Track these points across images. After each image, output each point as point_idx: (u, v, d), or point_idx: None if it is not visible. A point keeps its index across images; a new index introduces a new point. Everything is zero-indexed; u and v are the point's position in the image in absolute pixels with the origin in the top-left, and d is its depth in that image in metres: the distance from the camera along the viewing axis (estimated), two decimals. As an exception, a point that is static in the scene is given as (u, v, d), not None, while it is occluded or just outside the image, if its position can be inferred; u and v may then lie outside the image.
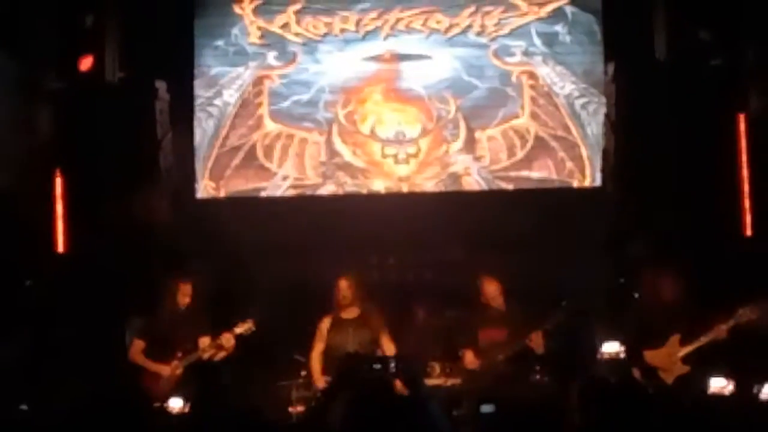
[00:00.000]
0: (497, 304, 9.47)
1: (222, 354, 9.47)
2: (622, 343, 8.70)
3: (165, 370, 9.37)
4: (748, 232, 9.11)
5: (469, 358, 9.37)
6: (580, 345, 9.45)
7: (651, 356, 8.88)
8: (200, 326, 9.52)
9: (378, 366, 5.25)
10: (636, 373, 8.85)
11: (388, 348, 9.29)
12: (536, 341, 9.17)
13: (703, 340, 8.69)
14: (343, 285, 9.63)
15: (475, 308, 9.61)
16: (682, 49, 8.56)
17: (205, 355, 9.44)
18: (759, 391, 7.79)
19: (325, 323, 9.55)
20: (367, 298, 9.65)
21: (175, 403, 6.40)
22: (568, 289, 9.87)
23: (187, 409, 6.43)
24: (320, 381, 9.22)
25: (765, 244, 9.24)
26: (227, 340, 9.42)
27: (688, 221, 9.70)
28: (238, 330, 9.49)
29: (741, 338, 8.76)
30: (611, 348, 8.80)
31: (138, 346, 9.50)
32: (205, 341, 9.43)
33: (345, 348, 9.30)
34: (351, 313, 9.53)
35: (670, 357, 8.78)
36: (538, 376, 9.78)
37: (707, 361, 8.70)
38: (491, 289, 9.48)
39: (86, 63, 8.73)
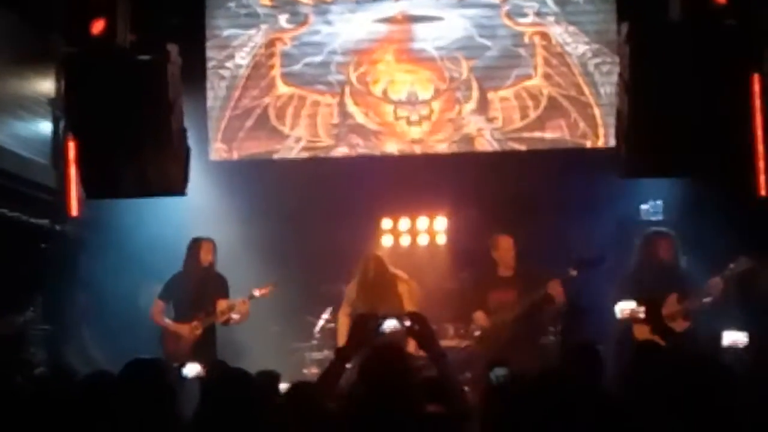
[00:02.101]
0: (508, 261, 9.42)
1: (236, 318, 9.50)
2: (640, 302, 8.72)
3: (184, 329, 9.42)
4: (763, 193, 9.08)
5: (480, 317, 9.36)
6: (598, 306, 9.44)
7: None
8: (220, 287, 9.55)
9: (391, 324, 5.23)
10: (645, 331, 8.86)
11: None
12: (555, 289, 9.08)
13: (702, 295, 8.75)
14: (369, 255, 9.60)
15: (484, 270, 9.60)
16: (697, 9, 8.48)
17: (221, 319, 9.47)
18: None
19: (352, 288, 9.51)
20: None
21: (192, 369, 6.43)
22: (580, 250, 9.85)
23: (204, 374, 6.46)
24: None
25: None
26: (242, 305, 9.46)
27: (701, 182, 9.68)
28: (258, 293, 9.53)
29: (738, 290, 8.83)
30: (627, 306, 8.81)
31: (159, 306, 9.56)
32: (222, 304, 9.47)
33: None
34: (377, 279, 9.46)
35: (672, 315, 8.82)
36: (552, 338, 9.79)
37: (706, 314, 8.77)
38: (505, 244, 9.43)
39: (97, 26, 8.66)
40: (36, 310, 9.89)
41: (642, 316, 8.73)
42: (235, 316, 9.49)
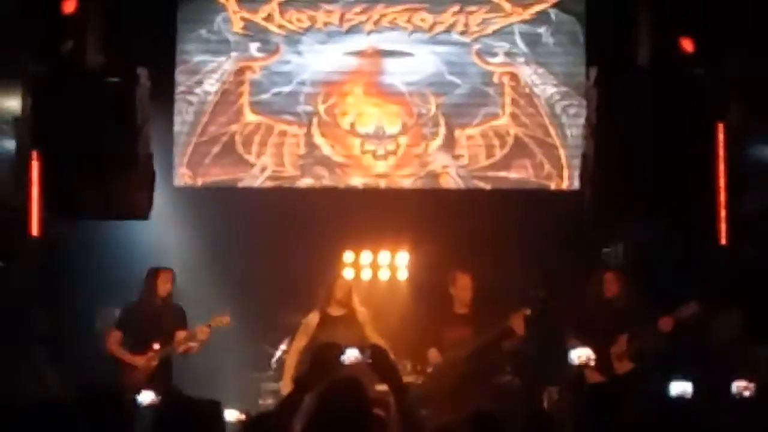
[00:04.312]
0: (465, 299, 9.41)
1: (196, 347, 9.41)
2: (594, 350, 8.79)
3: (140, 361, 9.30)
4: (723, 242, 9.14)
5: (433, 355, 9.34)
6: (555, 345, 9.46)
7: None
8: (178, 318, 9.46)
9: (352, 355, 5.16)
10: (596, 376, 8.89)
11: None
12: (517, 323, 9.04)
13: (645, 337, 8.80)
14: (343, 283, 9.57)
15: (440, 307, 9.58)
16: (665, 56, 8.58)
17: (180, 349, 9.37)
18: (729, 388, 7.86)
19: (313, 319, 9.43)
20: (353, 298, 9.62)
21: (146, 397, 6.36)
22: (534, 288, 9.88)
23: (157, 402, 6.39)
24: (288, 381, 9.10)
25: (739, 255, 9.30)
26: (202, 332, 9.36)
27: (664, 228, 9.74)
28: (214, 323, 9.44)
29: (684, 335, 8.90)
30: (582, 353, 8.85)
31: (115, 336, 9.40)
32: (181, 334, 9.37)
33: None
34: (339, 310, 9.43)
35: (619, 355, 8.87)
36: (508, 377, 9.78)
37: (650, 357, 8.81)
38: (463, 282, 9.43)
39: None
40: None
41: (593, 363, 8.83)
42: (194, 345, 9.40)
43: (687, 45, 8.77)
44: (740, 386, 7.84)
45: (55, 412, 4.68)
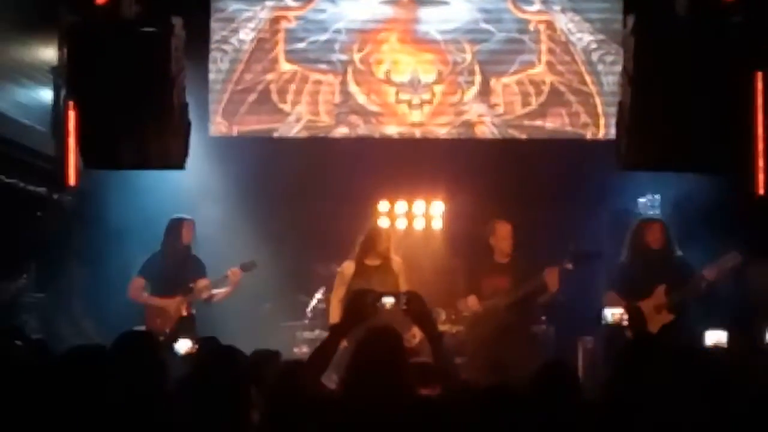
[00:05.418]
0: (505, 248, 9.34)
1: (226, 291, 9.41)
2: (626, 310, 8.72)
3: (171, 304, 9.33)
4: (761, 191, 9.05)
5: (472, 302, 9.28)
6: (589, 297, 9.41)
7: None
8: (199, 267, 9.46)
9: (388, 302, 5.14)
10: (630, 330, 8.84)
11: None
12: (551, 278, 8.99)
13: (690, 287, 8.69)
14: (386, 235, 9.46)
15: (480, 256, 9.55)
16: (704, 4, 8.47)
17: (203, 296, 9.37)
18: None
19: (348, 268, 9.36)
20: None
21: (183, 345, 6.40)
22: (578, 242, 9.84)
23: (194, 351, 6.44)
24: None
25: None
26: (234, 273, 9.37)
27: (700, 178, 9.66)
28: (240, 268, 9.44)
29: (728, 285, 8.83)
30: (616, 312, 8.78)
31: (138, 283, 9.42)
32: (202, 282, 9.36)
33: None
34: (375, 260, 9.34)
35: (656, 307, 8.79)
36: (543, 326, 9.78)
37: (690, 308, 8.74)
38: (503, 231, 9.34)
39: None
40: (29, 278, 9.88)
41: (626, 323, 8.73)
42: (216, 291, 9.39)
43: (726, -7, 8.65)
44: None
45: (92, 356, 4.72)
